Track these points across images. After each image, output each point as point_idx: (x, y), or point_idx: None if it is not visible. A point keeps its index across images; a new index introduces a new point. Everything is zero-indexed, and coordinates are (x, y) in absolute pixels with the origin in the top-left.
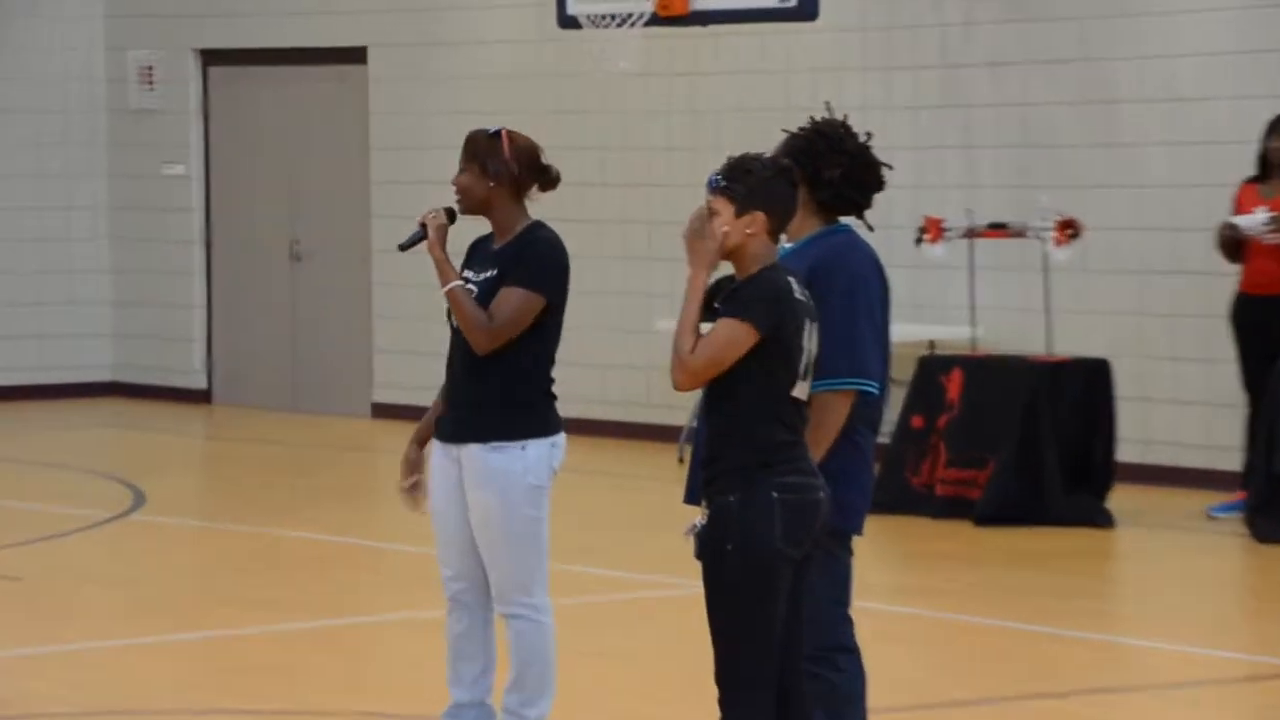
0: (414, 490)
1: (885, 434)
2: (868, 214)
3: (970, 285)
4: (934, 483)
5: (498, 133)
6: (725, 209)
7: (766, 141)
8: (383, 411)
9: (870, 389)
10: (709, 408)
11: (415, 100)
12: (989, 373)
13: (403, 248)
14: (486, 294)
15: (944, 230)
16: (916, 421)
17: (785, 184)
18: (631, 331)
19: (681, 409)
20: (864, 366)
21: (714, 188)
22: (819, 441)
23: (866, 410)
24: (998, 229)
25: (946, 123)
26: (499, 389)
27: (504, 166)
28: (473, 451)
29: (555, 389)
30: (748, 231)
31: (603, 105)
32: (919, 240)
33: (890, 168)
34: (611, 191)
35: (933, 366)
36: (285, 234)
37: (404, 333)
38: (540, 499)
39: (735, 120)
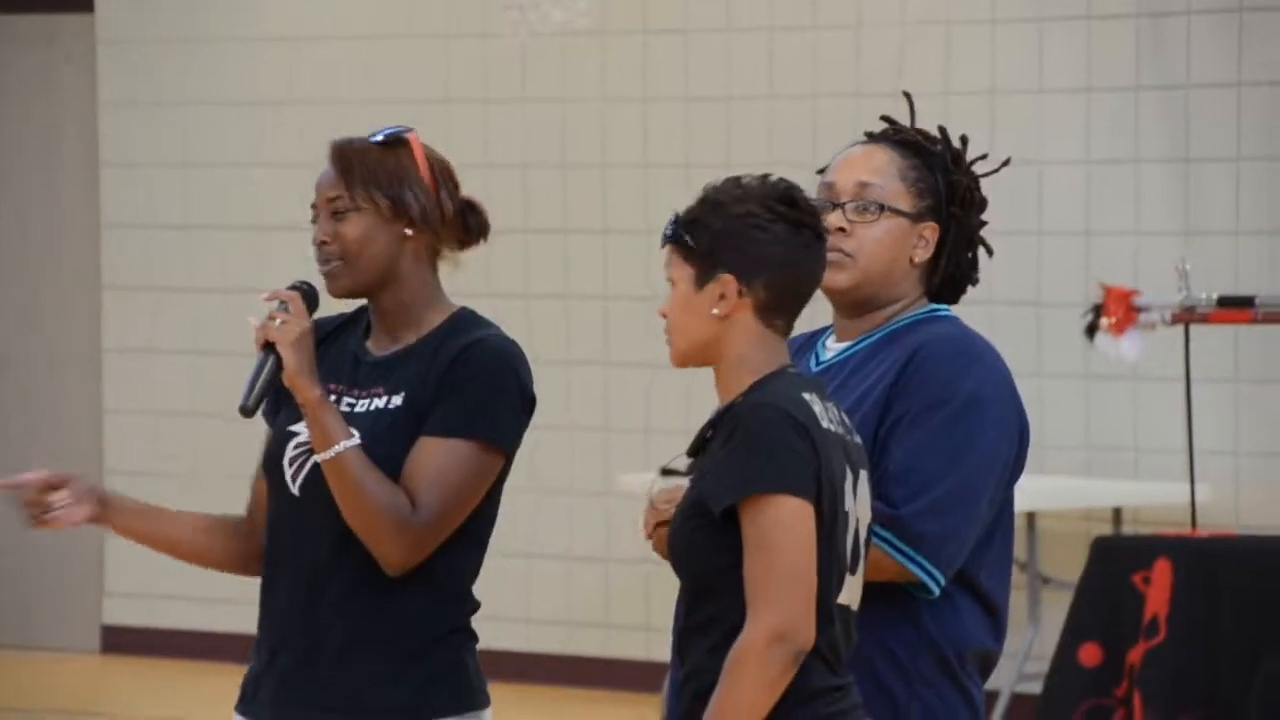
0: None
1: (1029, 675)
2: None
3: (1187, 410)
4: None
5: (402, 138)
6: (682, 275)
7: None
8: (120, 642)
9: (931, 581)
10: (686, 634)
11: (187, 76)
12: (1223, 567)
13: (249, 410)
14: (383, 444)
15: (1138, 311)
16: (1089, 655)
17: (781, 223)
18: (576, 494)
19: (665, 633)
20: (939, 541)
21: (665, 239)
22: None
23: (940, 622)
24: (1236, 307)
25: (1136, 116)
26: (397, 626)
27: (430, 201)
28: None
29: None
30: (715, 312)
31: (525, 90)
32: (1092, 330)
33: (989, 251)
34: (540, 244)
35: (1118, 557)
36: None
37: (164, 502)
38: None
39: (763, 113)
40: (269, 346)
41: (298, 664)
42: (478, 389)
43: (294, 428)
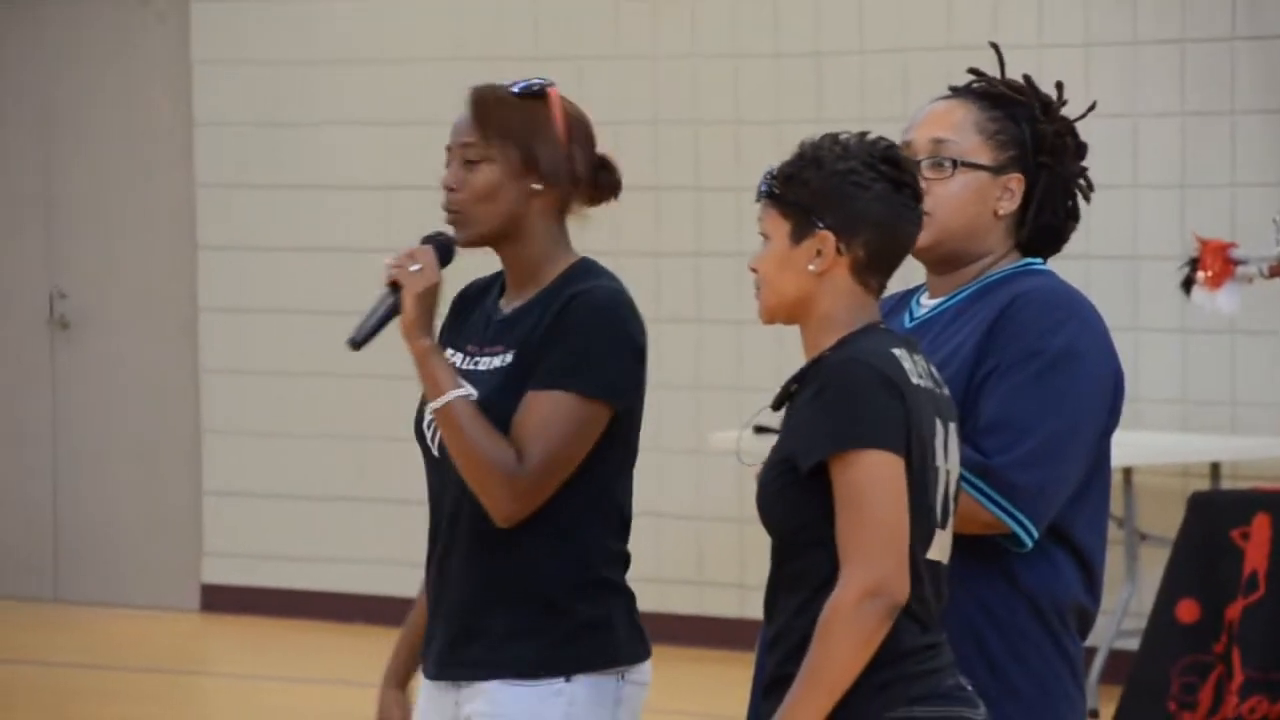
0: None
1: (1127, 631)
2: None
3: None
4: None
5: (543, 91)
6: (777, 230)
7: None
8: (221, 600)
9: (1023, 533)
10: (774, 591)
11: (278, 34)
12: None
13: (357, 344)
14: (496, 400)
15: (1235, 264)
16: (1187, 612)
17: (882, 182)
18: (667, 451)
19: (758, 591)
20: (1032, 492)
21: (762, 193)
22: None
23: (1036, 576)
24: None
25: (1231, 66)
26: (527, 582)
27: (560, 156)
28: (482, 693)
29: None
30: (811, 268)
31: (617, 47)
32: (1188, 283)
33: (1087, 198)
34: (632, 201)
35: (1216, 511)
36: (39, 282)
37: (261, 461)
38: None
39: (854, 69)
40: (394, 288)
41: (448, 621)
42: (578, 340)
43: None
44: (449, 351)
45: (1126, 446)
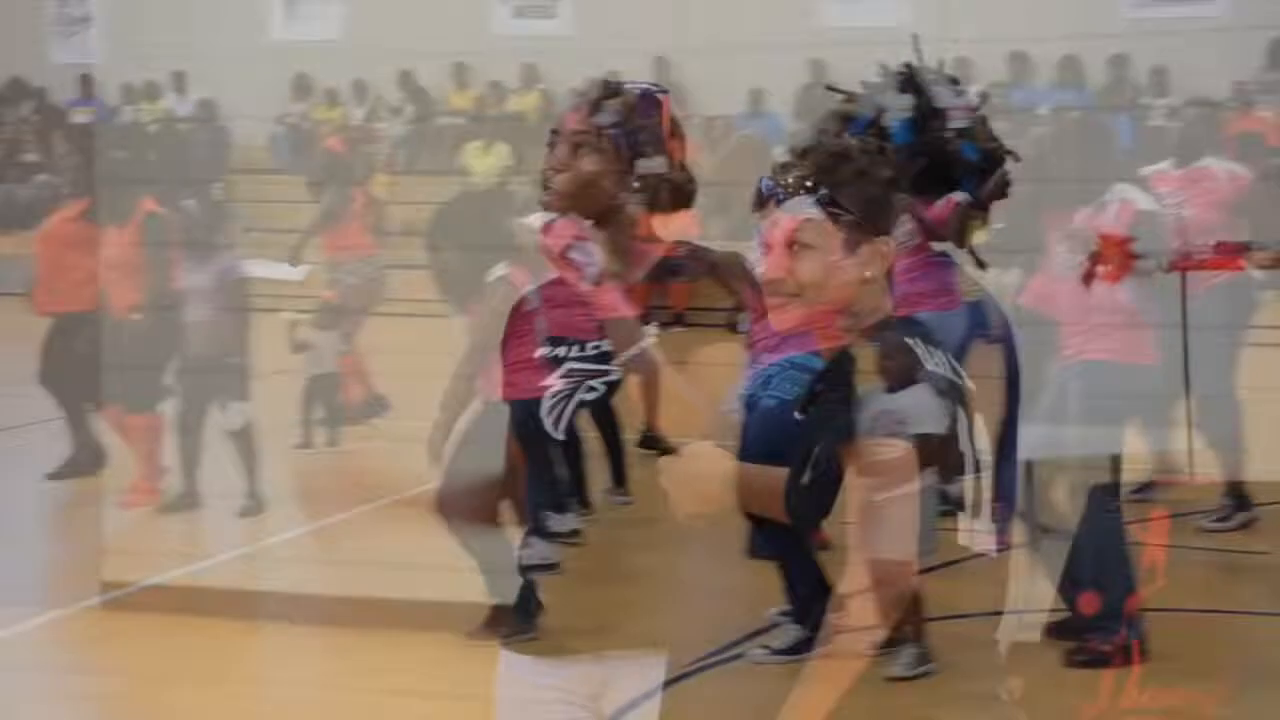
0: None
1: (1027, 624)
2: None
3: (1185, 359)
4: (1121, 714)
5: (657, 97)
6: (827, 240)
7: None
8: (121, 599)
9: None
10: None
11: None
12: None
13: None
14: None
15: (1135, 258)
16: (1087, 604)
17: (887, 182)
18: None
19: None
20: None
21: (813, 201)
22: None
23: None
24: (1227, 255)
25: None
26: None
27: (661, 160)
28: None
29: None
30: (868, 275)
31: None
32: (1088, 276)
33: (1017, 158)
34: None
35: (1116, 504)
36: None
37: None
38: None
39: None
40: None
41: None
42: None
43: (545, 382)
44: (546, 348)
45: (1028, 440)
